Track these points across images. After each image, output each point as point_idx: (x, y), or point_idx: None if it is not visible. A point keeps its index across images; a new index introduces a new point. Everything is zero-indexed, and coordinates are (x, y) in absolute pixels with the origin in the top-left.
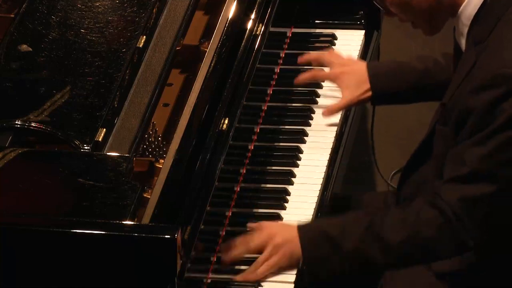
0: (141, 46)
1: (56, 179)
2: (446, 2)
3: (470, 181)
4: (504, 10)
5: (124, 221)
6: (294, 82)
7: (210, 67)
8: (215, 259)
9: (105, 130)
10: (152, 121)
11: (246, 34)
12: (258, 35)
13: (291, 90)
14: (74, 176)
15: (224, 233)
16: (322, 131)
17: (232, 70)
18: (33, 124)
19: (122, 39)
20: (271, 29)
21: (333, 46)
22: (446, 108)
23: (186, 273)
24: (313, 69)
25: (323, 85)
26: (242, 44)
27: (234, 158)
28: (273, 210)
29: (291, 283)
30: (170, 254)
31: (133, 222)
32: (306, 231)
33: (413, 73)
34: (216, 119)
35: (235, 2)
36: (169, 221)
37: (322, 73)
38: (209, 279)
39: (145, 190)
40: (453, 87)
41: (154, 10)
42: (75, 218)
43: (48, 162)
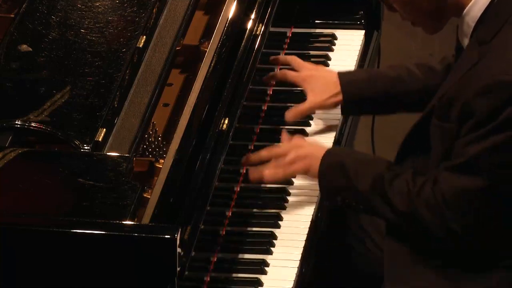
0: (141, 46)
1: (56, 179)
2: (451, 1)
3: (464, 173)
4: (511, 12)
5: (124, 221)
6: (263, 80)
7: (210, 67)
8: (215, 259)
9: (105, 130)
10: (152, 121)
11: (246, 34)
12: (258, 35)
13: (291, 90)
14: (74, 176)
15: (224, 233)
16: (322, 131)
17: (232, 70)
18: (33, 124)
19: (122, 39)
20: (271, 29)
21: (333, 46)
22: (441, 101)
23: (186, 273)
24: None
25: None
26: (242, 44)
27: (234, 158)
28: (273, 210)
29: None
30: (170, 254)
31: (133, 222)
32: (330, 156)
33: (385, 79)
34: (216, 119)
35: (235, 2)
36: (169, 221)
37: (291, 73)
38: (209, 279)
39: (145, 190)
40: (450, 81)
41: (154, 10)
42: (75, 218)
43: (48, 162)
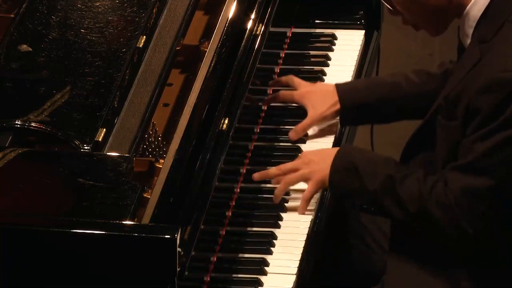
0: (141, 46)
1: (56, 179)
2: (454, 1)
3: (473, 172)
4: (511, 11)
5: (124, 221)
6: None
7: (210, 67)
8: (215, 259)
9: (105, 130)
10: (152, 121)
11: (246, 34)
12: (258, 35)
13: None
14: (74, 176)
15: (224, 233)
16: (322, 132)
17: (232, 70)
18: (33, 124)
19: (122, 39)
20: (271, 29)
21: (333, 46)
22: (447, 100)
23: (186, 273)
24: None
25: None
26: (242, 44)
27: (234, 158)
28: (273, 210)
29: (291, 282)
30: (170, 254)
31: (133, 222)
32: (339, 158)
33: (382, 86)
34: (216, 119)
35: (235, 2)
36: (169, 221)
37: (290, 93)
38: (209, 279)
39: (145, 190)
40: (454, 80)
41: (154, 10)
42: (75, 218)
43: (48, 162)
